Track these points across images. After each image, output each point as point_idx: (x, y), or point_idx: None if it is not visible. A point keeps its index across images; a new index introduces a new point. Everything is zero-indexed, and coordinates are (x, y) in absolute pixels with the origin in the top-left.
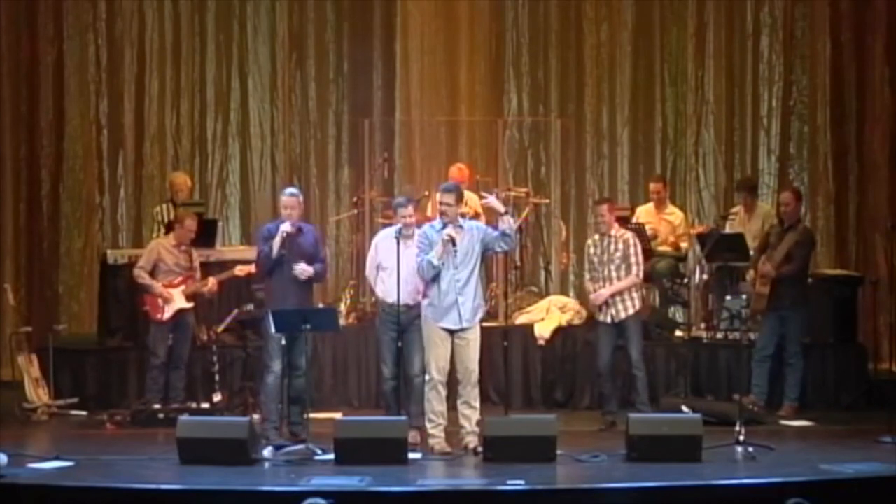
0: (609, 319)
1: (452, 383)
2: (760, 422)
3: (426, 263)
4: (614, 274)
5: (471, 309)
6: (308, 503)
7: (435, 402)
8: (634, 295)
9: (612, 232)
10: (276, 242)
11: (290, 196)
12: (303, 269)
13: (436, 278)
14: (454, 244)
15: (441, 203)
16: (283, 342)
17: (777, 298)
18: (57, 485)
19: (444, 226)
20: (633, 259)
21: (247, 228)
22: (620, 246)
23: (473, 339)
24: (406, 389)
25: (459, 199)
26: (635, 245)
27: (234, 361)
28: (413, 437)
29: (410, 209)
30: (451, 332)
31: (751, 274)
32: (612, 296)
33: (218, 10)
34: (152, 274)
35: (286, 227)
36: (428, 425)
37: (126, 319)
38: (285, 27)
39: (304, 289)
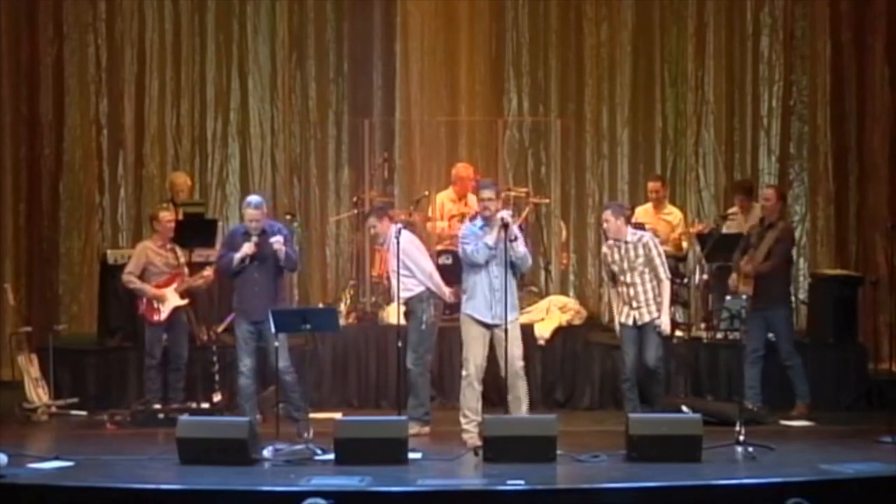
0: (631, 322)
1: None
2: (760, 422)
3: (482, 246)
4: (638, 280)
5: (507, 305)
6: (308, 503)
7: (469, 398)
8: (659, 299)
9: (628, 238)
10: (237, 259)
11: (255, 209)
12: (278, 241)
13: (478, 273)
14: (506, 228)
15: (482, 199)
16: (246, 344)
17: (759, 298)
18: (57, 485)
19: (485, 222)
20: (657, 261)
21: None
22: (641, 251)
23: (515, 335)
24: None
25: (498, 193)
26: (655, 246)
27: (234, 361)
28: (410, 427)
29: (370, 221)
30: (491, 329)
31: (733, 277)
32: (638, 299)
33: (218, 10)
34: (143, 277)
35: (248, 249)
36: (462, 420)
37: (126, 319)
38: (285, 27)
39: (270, 288)
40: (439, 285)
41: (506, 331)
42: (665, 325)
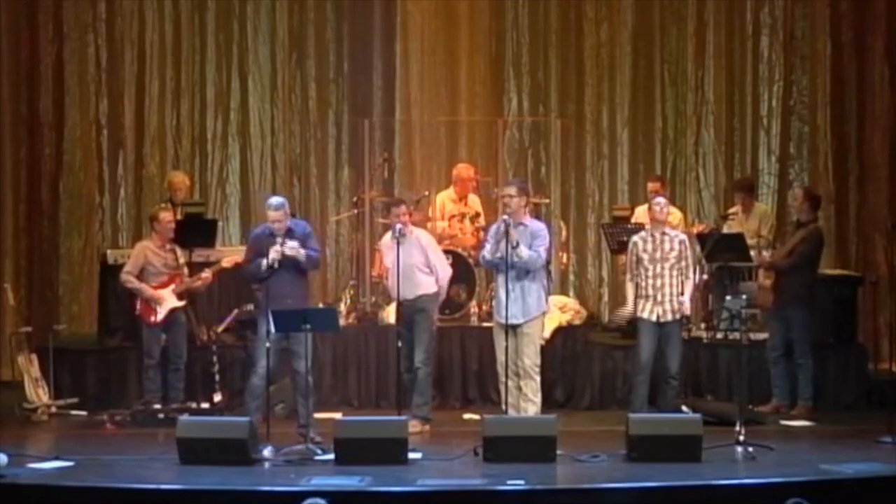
0: (655, 318)
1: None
2: (760, 422)
3: (481, 256)
4: (666, 272)
5: (521, 307)
6: (308, 503)
7: (502, 390)
8: (682, 298)
9: (667, 229)
10: (266, 264)
11: (276, 210)
12: (292, 247)
13: (495, 274)
14: (507, 233)
15: (503, 195)
16: (269, 344)
17: (779, 296)
18: (57, 485)
19: (505, 223)
20: (690, 260)
21: (247, 228)
22: (677, 246)
23: (528, 333)
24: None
25: (522, 191)
26: (691, 246)
27: (234, 361)
28: (413, 426)
29: (402, 209)
30: (511, 328)
31: (761, 270)
32: (663, 291)
33: (218, 10)
34: (141, 277)
35: (276, 254)
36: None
37: (126, 319)
38: (285, 27)
39: (299, 286)
40: (446, 290)
41: (507, 329)
42: (686, 305)
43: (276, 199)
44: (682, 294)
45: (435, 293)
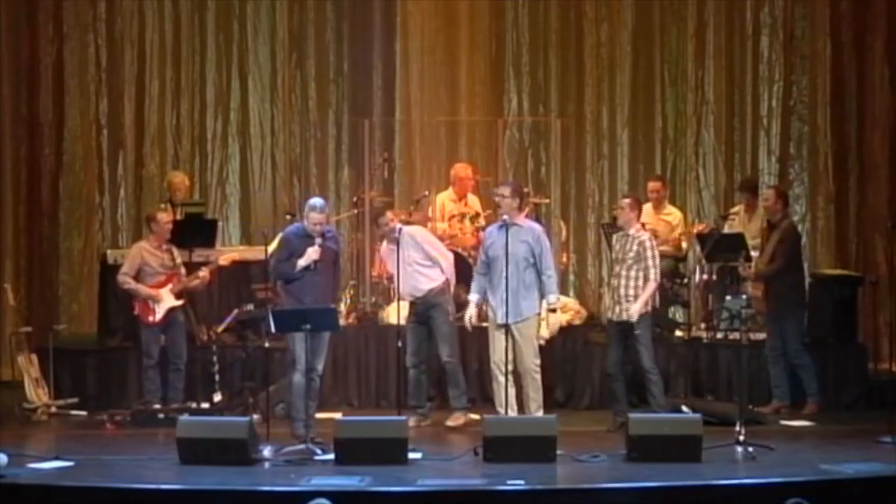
0: (615, 317)
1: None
2: (760, 422)
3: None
4: (623, 273)
5: (514, 308)
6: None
7: (495, 390)
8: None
9: (631, 231)
10: (302, 264)
11: (320, 213)
12: (315, 251)
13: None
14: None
15: (497, 194)
16: (304, 342)
17: (771, 299)
18: (57, 485)
19: (504, 223)
20: (650, 262)
21: (247, 228)
22: (635, 247)
23: (525, 334)
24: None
25: (516, 192)
26: (652, 248)
27: (234, 361)
28: (455, 419)
29: (388, 216)
30: (509, 329)
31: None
32: (619, 292)
33: (218, 10)
34: (138, 278)
35: (314, 254)
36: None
37: (126, 319)
38: (285, 27)
39: (329, 287)
40: (454, 276)
41: (508, 329)
42: (633, 311)
43: (319, 201)
44: (637, 298)
45: (443, 284)
